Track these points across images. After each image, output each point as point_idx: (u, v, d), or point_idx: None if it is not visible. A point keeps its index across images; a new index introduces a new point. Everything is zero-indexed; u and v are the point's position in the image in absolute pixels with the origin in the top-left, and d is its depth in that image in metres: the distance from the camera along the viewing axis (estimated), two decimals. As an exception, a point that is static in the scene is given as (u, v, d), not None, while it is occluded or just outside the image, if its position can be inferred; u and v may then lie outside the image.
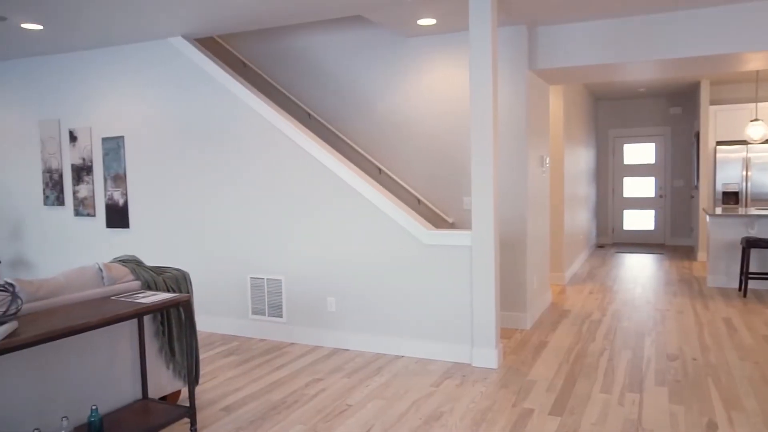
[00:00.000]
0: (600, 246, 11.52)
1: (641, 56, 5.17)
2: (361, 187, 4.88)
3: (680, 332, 5.33)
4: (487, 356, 4.50)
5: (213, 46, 6.68)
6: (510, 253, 5.60)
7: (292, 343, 5.22)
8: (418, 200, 5.98)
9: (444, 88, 5.79)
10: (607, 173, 11.87)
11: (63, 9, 4.69)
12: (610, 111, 11.74)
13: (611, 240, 11.97)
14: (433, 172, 5.91)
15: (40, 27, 5.22)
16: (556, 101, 7.73)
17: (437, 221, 5.91)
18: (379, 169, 6.12)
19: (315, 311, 5.16)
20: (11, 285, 2.79)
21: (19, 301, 2.70)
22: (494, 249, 4.45)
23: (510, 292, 5.62)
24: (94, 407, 2.94)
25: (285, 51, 6.52)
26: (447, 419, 3.55)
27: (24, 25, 5.16)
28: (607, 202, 11.90)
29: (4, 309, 2.78)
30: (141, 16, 4.92)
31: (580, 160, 9.41)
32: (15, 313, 2.67)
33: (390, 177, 6.08)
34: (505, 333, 5.43)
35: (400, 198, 6.02)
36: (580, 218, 9.42)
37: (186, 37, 5.59)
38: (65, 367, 3.01)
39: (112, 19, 4.97)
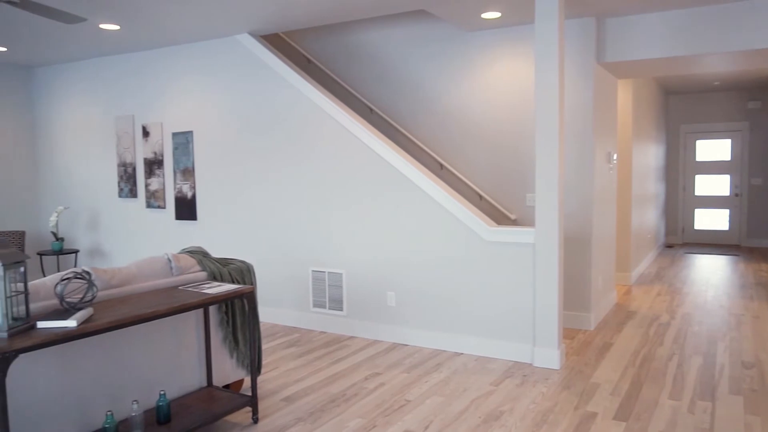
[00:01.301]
0: (669, 246, 11.08)
1: (716, 48, 4.92)
2: (422, 183, 4.87)
3: (756, 338, 5.06)
4: (549, 356, 4.40)
5: (278, 42, 6.79)
6: (574, 251, 5.46)
7: (352, 337, 5.27)
8: (480, 196, 5.90)
9: (508, 82, 5.69)
10: (678, 170, 11.39)
11: (139, 9, 4.87)
12: (682, 105, 11.25)
13: (681, 240, 11.49)
14: (496, 167, 5.83)
15: (117, 27, 5.45)
16: (624, 96, 7.47)
17: (499, 218, 5.82)
18: (441, 165, 6.08)
19: (375, 305, 5.18)
20: (88, 273, 2.93)
21: (95, 289, 2.83)
22: (558, 247, 4.34)
23: (573, 291, 5.48)
24: (162, 392, 3.05)
25: (348, 47, 6.56)
26: (507, 419, 3.50)
27: (102, 26, 5.40)
28: (677, 200, 11.42)
29: (81, 296, 2.92)
30: (210, 15, 5.06)
31: (649, 156, 9.06)
32: (91, 300, 2.80)
33: (451, 172, 6.03)
34: (567, 333, 5.30)
35: (461, 194, 5.97)
36: (648, 216, 9.08)
37: (252, 34, 5.71)
38: (136, 353, 3.14)
39: (183, 18, 5.14)
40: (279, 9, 4.90)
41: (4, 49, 6.41)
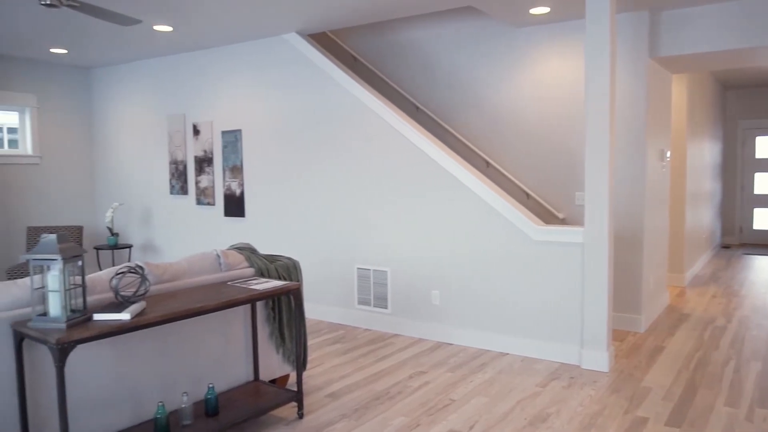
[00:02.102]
0: (725, 246, 10.68)
1: (781, 40, 4.70)
2: (468, 181, 4.83)
3: (820, 345, 4.83)
4: (598, 358, 4.31)
5: (325, 41, 6.85)
6: (625, 251, 5.32)
7: (396, 335, 5.27)
8: (527, 195, 5.82)
9: (556, 79, 5.58)
10: (736, 168, 10.96)
11: (192, 11, 4.99)
12: (741, 100, 10.81)
13: (738, 240, 11.05)
14: (544, 165, 5.73)
15: (170, 29, 5.59)
16: (679, 91, 7.23)
17: (547, 216, 5.72)
18: (487, 163, 6.02)
19: (419, 304, 5.17)
20: (141, 268, 3.02)
21: (147, 283, 2.91)
22: (608, 247, 4.24)
23: (624, 292, 5.34)
24: (210, 385, 3.12)
25: (394, 44, 6.56)
26: (553, 421, 3.44)
27: (156, 27, 5.55)
28: (735, 199, 10.99)
29: (134, 290, 3.01)
30: (259, 15, 5.14)
31: (705, 153, 8.75)
32: (144, 294, 2.88)
33: (498, 170, 5.96)
34: (617, 335, 5.17)
35: (508, 192, 5.89)
36: (703, 216, 8.77)
37: (300, 33, 5.77)
38: (185, 346, 3.22)
39: (233, 18, 5.23)
40: (327, 8, 4.94)
41: (65, 51, 6.67)
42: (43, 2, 3.71)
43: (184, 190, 6.89)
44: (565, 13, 5.21)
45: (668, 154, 6.04)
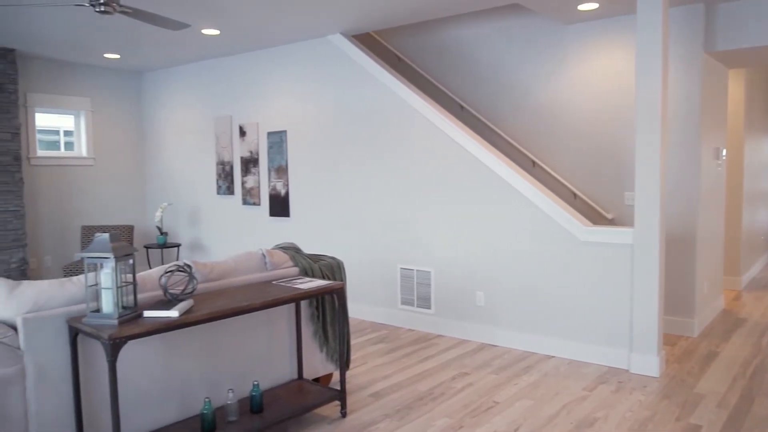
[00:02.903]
0: (785, 249, 10.22)
1: None
2: (513, 180, 4.76)
3: None
4: (648, 363, 4.18)
5: (368, 41, 6.86)
6: (677, 253, 5.15)
7: (440, 335, 5.24)
8: (575, 195, 5.70)
9: (605, 76, 5.45)
10: (797, 167, 10.46)
11: (239, 14, 5.07)
12: (803, 96, 10.33)
13: (800, 242, 10.56)
14: (592, 165, 5.60)
15: (217, 32, 5.71)
16: (736, 86, 6.96)
17: (595, 217, 5.60)
18: (533, 162, 5.93)
19: (463, 305, 5.13)
20: (189, 266, 3.08)
21: (195, 281, 2.97)
22: (659, 248, 4.11)
23: (675, 295, 5.17)
24: (255, 382, 3.16)
25: (438, 43, 6.53)
26: (601, 426, 3.36)
27: (204, 31, 5.67)
28: (796, 199, 10.50)
29: (182, 288, 3.08)
30: (305, 17, 5.19)
31: (764, 151, 8.39)
32: (191, 292, 2.94)
33: (544, 170, 5.86)
34: (668, 339, 5.01)
35: (555, 192, 5.79)
36: (762, 217, 8.42)
37: (344, 34, 5.80)
38: (231, 343, 3.27)
39: (279, 21, 5.30)
40: (372, 8, 4.95)
41: (118, 56, 6.88)
42: (98, 9, 3.84)
43: (230, 191, 7.02)
44: (614, 9, 5.08)
45: (724, 152, 5.82)
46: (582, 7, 4.98)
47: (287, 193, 6.42)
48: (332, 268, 3.83)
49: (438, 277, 5.27)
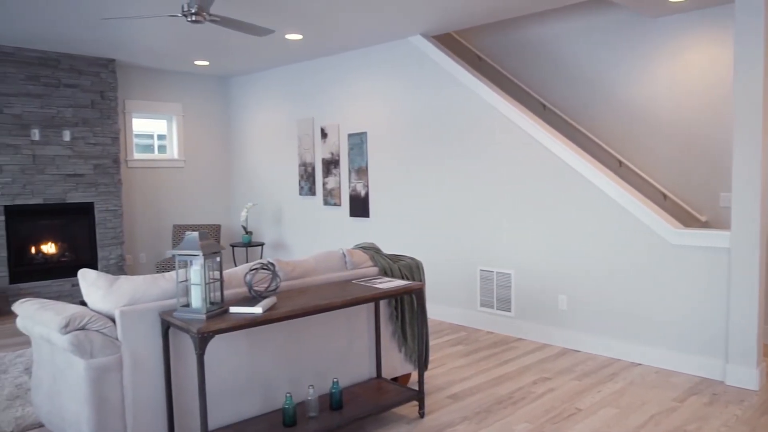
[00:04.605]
0: None
1: None
2: (598, 181, 4.60)
3: None
4: (746, 375, 3.92)
5: (449, 41, 6.83)
6: (779, 258, 4.80)
7: (520, 339, 5.14)
8: (664, 196, 5.44)
9: (698, 70, 5.16)
10: None
11: (321, 19, 5.19)
12: None
13: None
14: (683, 164, 5.32)
15: (300, 37, 5.86)
16: None
17: (687, 219, 5.31)
18: (620, 162, 5.70)
19: (545, 308, 5.01)
20: (272, 265, 3.18)
21: (278, 279, 3.06)
22: (759, 252, 3.85)
23: (777, 304, 4.83)
24: (335, 380, 3.22)
25: (520, 42, 6.41)
26: (693, 440, 3.18)
27: (288, 36, 5.84)
28: None
29: (266, 285, 3.18)
30: (386, 19, 5.23)
31: None
32: (275, 290, 3.03)
33: (632, 170, 5.62)
34: (769, 351, 4.69)
35: (643, 193, 5.54)
36: None
37: (425, 35, 5.80)
38: (312, 340, 3.34)
39: (360, 23, 5.37)
40: (453, 8, 4.92)
41: (207, 63, 7.20)
42: (189, 19, 4.03)
43: (312, 191, 7.18)
44: (707, 0, 4.81)
45: (833, 150, 5.38)
46: (673, -2, 4.75)
47: (367, 194, 6.49)
48: (411, 269, 3.83)
49: (518, 280, 5.17)
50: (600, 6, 5.64)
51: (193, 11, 4.00)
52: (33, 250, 6.43)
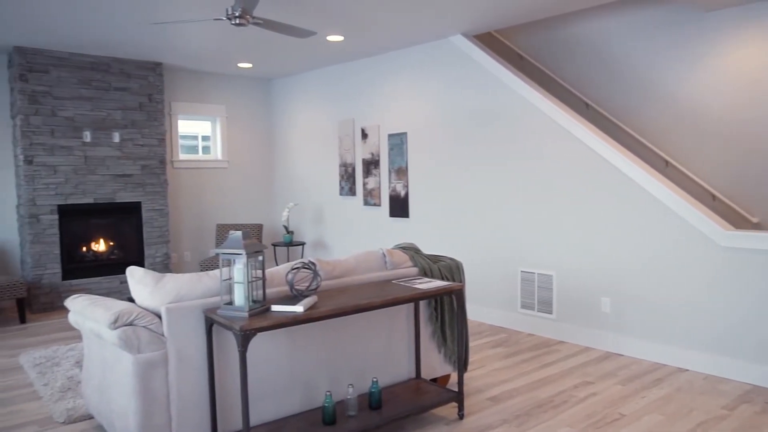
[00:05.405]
0: None
1: None
2: (644, 181, 4.49)
3: None
4: (800, 384, 3.77)
5: (489, 40, 6.78)
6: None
7: (561, 342, 5.06)
8: (713, 196, 5.27)
9: (751, 66, 4.99)
10: None
11: (362, 20, 5.22)
12: None
13: None
14: (734, 164, 5.15)
15: (341, 38, 5.90)
16: None
17: (737, 220, 5.14)
18: (666, 162, 5.56)
19: (587, 311, 4.92)
20: (313, 264, 3.21)
21: (319, 279, 3.09)
22: (814, 257, 3.70)
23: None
24: (374, 379, 3.23)
25: (561, 40, 6.31)
26: (743, 450, 3.08)
27: (329, 38, 5.89)
28: None
29: (307, 284, 3.22)
30: (427, 19, 5.22)
31: None
32: (315, 289, 3.06)
33: (679, 170, 5.48)
34: (825, 358, 4.49)
35: (690, 194, 5.39)
36: None
37: (465, 34, 5.77)
38: (351, 340, 3.36)
39: (401, 24, 5.38)
40: (496, 8, 4.88)
41: (250, 65, 7.32)
42: (234, 22, 4.11)
43: (352, 192, 7.22)
44: (762, -7, 4.65)
45: None
46: (724, -7, 4.60)
47: (407, 194, 6.50)
48: (451, 269, 3.82)
49: (560, 282, 5.10)
50: (645, 1, 5.51)
51: (237, 14, 4.07)
52: (84, 248, 6.65)
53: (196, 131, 8.07)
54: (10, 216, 6.61)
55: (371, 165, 6.92)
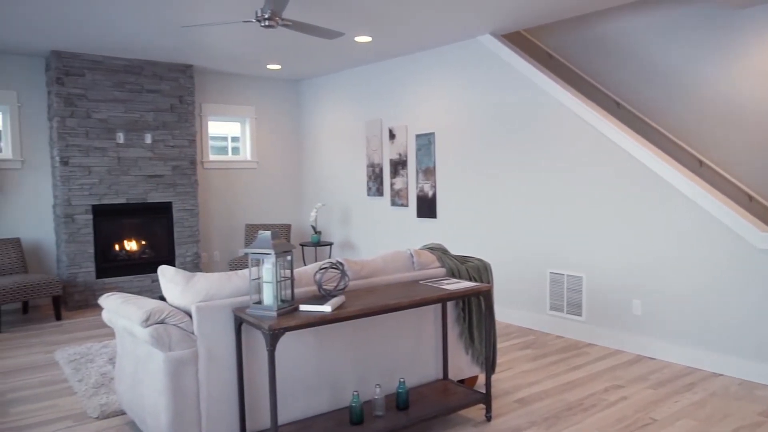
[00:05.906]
0: None
1: None
2: (676, 181, 4.40)
3: None
4: (840, 390, 3.66)
5: (518, 39, 6.72)
6: None
7: (591, 344, 5.00)
8: (750, 197, 5.15)
9: (789, 64, 4.86)
10: None
11: (390, 20, 5.22)
12: None
13: None
14: (770, 164, 5.03)
15: (369, 39, 5.91)
16: None
17: (773, 222, 5.02)
18: (700, 162, 5.45)
19: (618, 313, 4.84)
20: (341, 264, 3.22)
21: (347, 279, 3.10)
22: None
23: None
24: (401, 380, 3.23)
25: (591, 38, 6.23)
26: (780, 457, 3.00)
27: (357, 39, 5.91)
28: None
29: (335, 284, 3.23)
30: (455, 19, 5.21)
31: None
32: (343, 289, 3.08)
33: (713, 170, 5.36)
34: None
35: (725, 194, 5.27)
36: None
37: (494, 34, 5.73)
38: (379, 340, 3.37)
39: (428, 24, 5.37)
40: (525, 6, 4.84)
41: (279, 67, 7.38)
42: (263, 24, 4.15)
43: (379, 192, 7.24)
44: (801, -12, 4.52)
45: None
46: (761, -11, 4.49)
47: (434, 195, 6.48)
48: (479, 270, 3.80)
49: (590, 283, 5.03)
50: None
51: (266, 16, 4.11)
52: (117, 247, 6.79)
53: (226, 132, 8.17)
54: (47, 216, 6.77)
55: (399, 165, 6.92)
